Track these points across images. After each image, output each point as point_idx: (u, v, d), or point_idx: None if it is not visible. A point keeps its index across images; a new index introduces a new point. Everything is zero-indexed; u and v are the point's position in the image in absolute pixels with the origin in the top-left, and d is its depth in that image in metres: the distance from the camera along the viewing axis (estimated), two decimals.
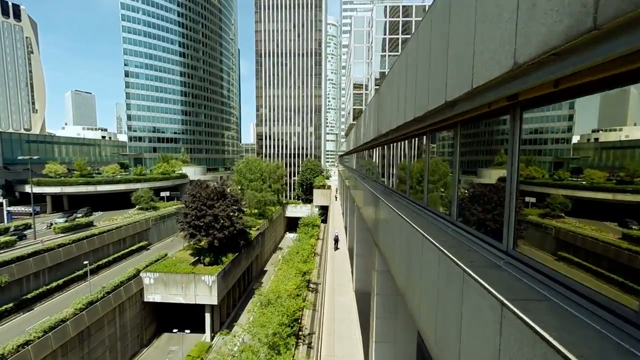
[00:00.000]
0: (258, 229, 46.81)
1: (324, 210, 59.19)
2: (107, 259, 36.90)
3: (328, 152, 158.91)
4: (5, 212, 47.14)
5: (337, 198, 57.48)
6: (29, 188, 43.57)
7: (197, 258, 34.95)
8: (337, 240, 30.70)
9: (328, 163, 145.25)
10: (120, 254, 39.23)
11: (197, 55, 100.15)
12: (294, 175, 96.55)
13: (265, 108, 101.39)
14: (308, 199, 75.99)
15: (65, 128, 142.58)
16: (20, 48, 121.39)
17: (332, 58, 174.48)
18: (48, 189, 51.30)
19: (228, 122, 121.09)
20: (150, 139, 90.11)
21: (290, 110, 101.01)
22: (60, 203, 54.93)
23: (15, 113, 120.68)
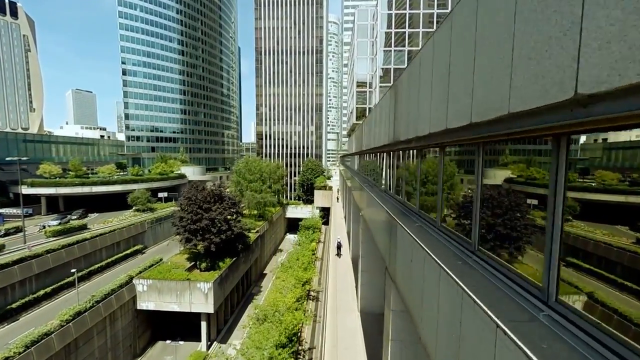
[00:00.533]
0: (257, 232, 45.38)
1: (325, 212, 57.72)
2: (99, 264, 35.50)
3: (329, 151, 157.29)
4: None
5: (338, 199, 55.84)
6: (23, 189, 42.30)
7: (193, 263, 33.60)
8: (339, 247, 29.30)
9: (329, 162, 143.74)
10: (114, 259, 37.84)
11: (196, 54, 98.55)
12: (295, 175, 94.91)
13: (266, 107, 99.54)
14: (309, 200, 74.37)
15: (64, 127, 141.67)
16: (17, 46, 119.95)
17: (333, 56, 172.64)
18: (42, 190, 50.10)
19: (228, 121, 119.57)
20: (149, 139, 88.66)
21: (291, 109, 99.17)
22: (56, 204, 53.67)
23: (13, 112, 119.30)
